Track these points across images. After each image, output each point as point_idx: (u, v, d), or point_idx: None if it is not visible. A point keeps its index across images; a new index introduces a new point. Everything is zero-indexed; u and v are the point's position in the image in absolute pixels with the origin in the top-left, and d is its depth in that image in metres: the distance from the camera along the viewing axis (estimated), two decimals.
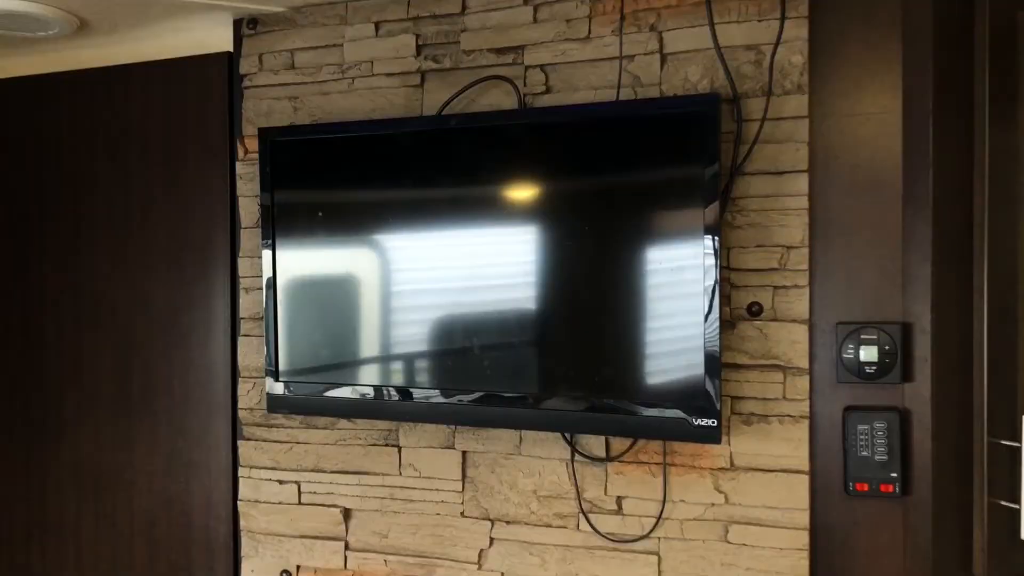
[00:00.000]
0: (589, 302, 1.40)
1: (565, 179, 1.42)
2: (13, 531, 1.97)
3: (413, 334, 1.52)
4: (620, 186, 1.38)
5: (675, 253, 1.33)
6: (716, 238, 1.30)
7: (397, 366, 1.53)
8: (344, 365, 1.56)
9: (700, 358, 1.32)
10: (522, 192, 1.44)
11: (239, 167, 1.72)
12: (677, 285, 1.34)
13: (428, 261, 1.50)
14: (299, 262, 1.58)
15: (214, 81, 1.76)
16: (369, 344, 1.55)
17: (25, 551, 1.97)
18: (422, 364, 1.51)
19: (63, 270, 1.92)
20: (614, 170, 1.38)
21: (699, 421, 1.33)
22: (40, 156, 1.92)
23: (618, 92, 1.45)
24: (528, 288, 1.44)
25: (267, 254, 1.59)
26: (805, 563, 1.38)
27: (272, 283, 1.59)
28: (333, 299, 1.57)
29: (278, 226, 1.58)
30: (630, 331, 1.37)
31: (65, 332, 1.93)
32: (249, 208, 1.71)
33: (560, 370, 1.43)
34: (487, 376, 1.46)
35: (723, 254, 1.39)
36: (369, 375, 1.54)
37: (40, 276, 1.95)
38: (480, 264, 1.46)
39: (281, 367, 1.60)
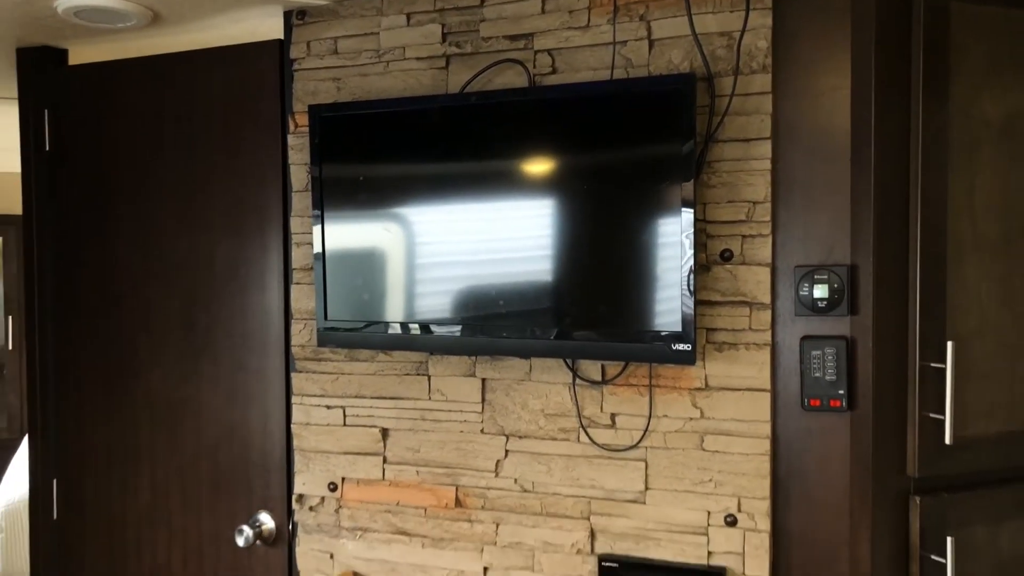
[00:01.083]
0: (588, 251, 1.67)
1: (568, 146, 1.68)
2: (97, 457, 2.29)
3: (439, 279, 1.79)
4: (613, 152, 1.64)
5: (659, 208, 1.60)
6: (693, 195, 1.57)
7: (426, 307, 1.81)
8: (382, 307, 1.84)
9: (679, 295, 1.59)
10: (531, 158, 1.71)
11: (290, 139, 2.00)
12: (661, 235, 1.60)
13: (451, 220, 1.77)
14: (343, 220, 1.86)
15: (267, 65, 2.04)
16: (403, 289, 1.83)
17: (107, 474, 2.28)
18: (447, 305, 1.79)
19: (135, 232, 2.22)
20: (608, 138, 1.65)
21: (677, 346, 1.60)
22: (117, 131, 2.21)
23: (612, 72, 1.71)
24: (538, 242, 1.70)
25: (316, 213, 1.87)
26: (767, 466, 1.65)
27: (321, 238, 1.87)
28: (372, 252, 1.84)
29: (325, 188, 1.86)
30: (622, 275, 1.64)
31: (137, 286, 2.23)
32: (299, 175, 1.99)
33: (563, 308, 1.70)
34: (502, 315, 1.73)
35: (699, 209, 1.66)
36: (403, 315, 1.82)
37: (115, 238, 2.24)
38: (497, 223, 1.73)
39: (329, 309, 1.89)
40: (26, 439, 4.56)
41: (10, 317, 4.91)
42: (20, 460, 4.12)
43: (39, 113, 2.31)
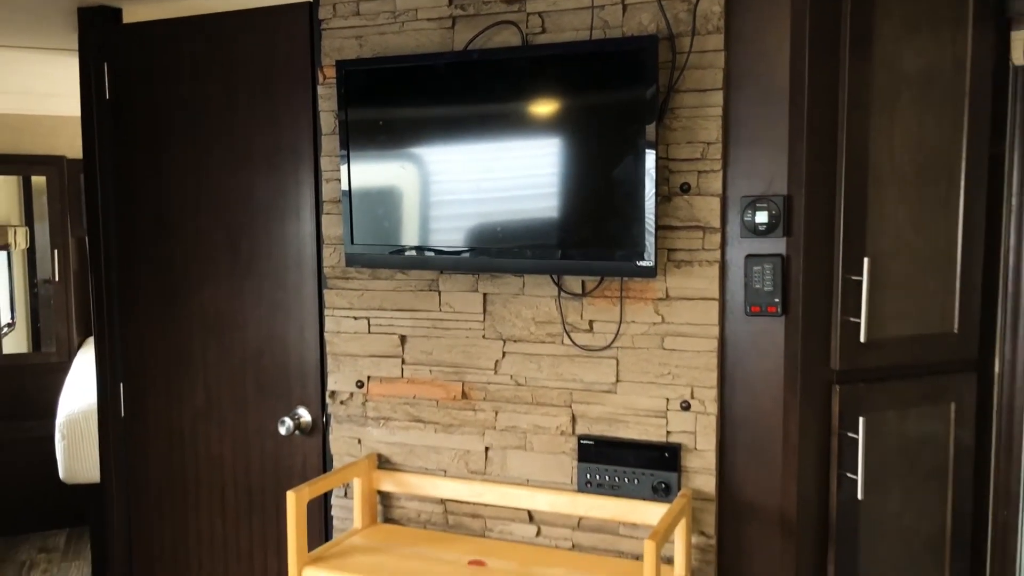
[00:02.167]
0: (570, 185, 2.00)
1: (553, 96, 2.00)
2: (157, 364, 2.68)
3: (448, 209, 2.14)
4: (591, 100, 1.96)
5: (628, 149, 1.93)
6: (656, 137, 1.90)
7: (436, 233, 2.15)
8: (399, 233, 2.19)
9: (644, 221, 1.93)
10: (523, 107, 2.03)
11: (320, 90, 2.33)
12: (630, 171, 1.93)
13: (457, 159, 2.10)
14: (366, 159, 2.19)
15: (299, 24, 2.35)
16: (417, 218, 2.17)
17: (166, 378, 2.67)
18: (455, 231, 2.13)
19: (186, 170, 2.57)
20: (587, 89, 1.97)
21: (642, 263, 1.94)
22: (169, 82, 2.55)
23: (591, 32, 2.03)
24: (529, 176, 2.03)
25: (342, 153, 2.21)
26: (715, 361, 2.01)
27: (347, 175, 2.21)
28: (391, 186, 2.19)
29: (350, 131, 2.19)
30: (599, 205, 1.98)
31: (188, 217, 2.59)
32: (327, 120, 2.33)
33: (551, 233, 2.03)
34: (500, 239, 2.08)
35: (662, 149, 1.99)
36: (417, 240, 2.17)
37: (169, 175, 2.60)
38: (495, 161, 2.05)
39: (355, 235, 2.24)
40: (76, 361, 5.02)
41: (56, 252, 5.31)
42: (72, 379, 4.56)
43: (99, 66, 2.65)
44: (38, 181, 6.27)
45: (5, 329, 5.39)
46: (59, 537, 4.85)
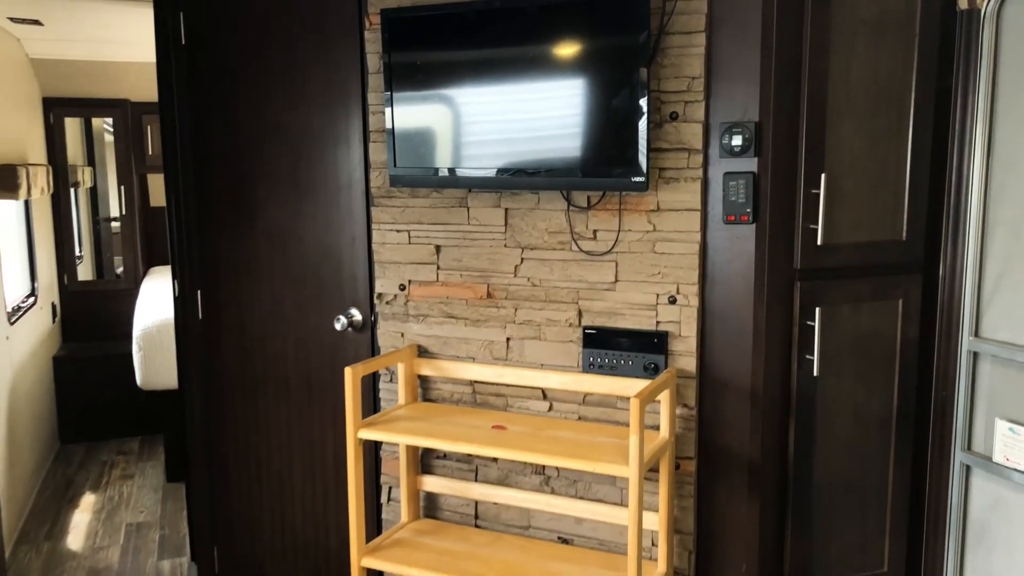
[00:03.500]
0: (578, 115, 2.39)
1: (562, 38, 2.38)
2: (229, 273, 3.14)
3: (475, 133, 2.53)
4: (594, 42, 2.34)
5: (625, 83, 2.30)
6: (648, 73, 2.27)
7: (466, 157, 2.56)
8: (434, 158, 2.60)
9: (639, 144, 2.31)
10: (539, 49, 2.41)
11: (367, 35, 2.72)
12: (627, 102, 2.31)
13: (483, 95, 2.49)
14: (406, 94, 2.59)
15: None
16: (450, 144, 2.57)
17: (236, 284, 3.13)
18: (481, 155, 2.53)
19: (252, 106, 2.99)
20: (590, 32, 2.34)
21: (636, 179, 2.33)
22: (237, 29, 2.96)
23: None
24: (544, 110, 2.42)
25: (387, 91, 2.61)
26: (697, 261, 2.40)
27: (390, 107, 2.61)
28: (427, 117, 2.59)
29: (393, 71, 2.59)
30: (601, 131, 2.36)
31: (254, 147, 3.01)
32: (373, 61, 2.73)
33: (562, 156, 2.43)
34: (519, 162, 2.48)
35: (654, 83, 2.36)
36: (449, 163, 2.57)
37: (236, 111, 3.02)
38: (515, 96, 2.44)
39: (397, 160, 2.65)
40: (143, 287, 5.55)
41: (122, 188, 5.81)
42: (143, 301, 5.09)
43: (175, 15, 3.06)
44: (97, 124, 6.79)
45: (78, 259, 5.92)
46: (133, 443, 5.44)
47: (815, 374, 2.39)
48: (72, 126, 5.92)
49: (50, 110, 5.49)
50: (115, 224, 6.70)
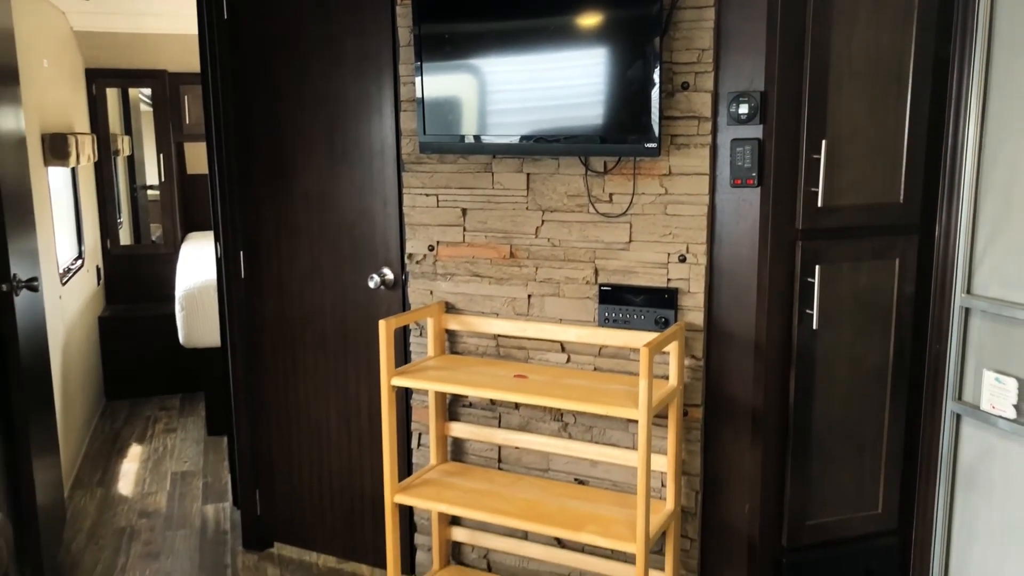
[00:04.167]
0: (596, 85, 2.56)
1: (582, 12, 2.53)
2: (270, 234, 3.36)
3: (500, 102, 2.71)
4: (611, 16, 2.50)
5: (641, 54, 2.47)
6: (661, 46, 2.43)
7: (491, 125, 2.74)
8: (460, 126, 2.78)
9: (653, 112, 2.48)
10: (560, 21, 2.57)
11: (398, 9, 2.90)
12: (642, 72, 2.48)
13: (507, 65, 2.66)
14: (435, 66, 2.77)
15: None
16: (476, 112, 2.76)
17: (276, 245, 3.35)
18: (505, 123, 2.71)
19: (290, 76, 3.18)
20: (608, 6, 2.50)
21: (649, 145, 2.51)
22: (272, 7, 3.15)
23: None
24: (564, 80, 2.60)
25: (417, 62, 2.79)
26: (705, 223, 2.58)
27: (420, 77, 2.79)
28: (455, 87, 2.77)
29: (423, 42, 2.77)
30: (617, 100, 2.53)
31: (292, 113, 3.21)
32: (404, 34, 2.90)
33: (581, 123, 2.60)
34: (541, 128, 2.65)
35: (667, 54, 2.52)
36: (476, 130, 2.76)
37: (277, 81, 3.22)
38: (537, 67, 2.62)
39: (426, 128, 2.84)
40: (181, 251, 5.80)
41: (161, 156, 6.06)
42: (183, 265, 5.35)
43: None
44: (133, 94, 7.01)
45: (119, 225, 6.19)
46: (174, 399, 5.74)
47: (815, 328, 2.57)
48: (111, 96, 6.16)
49: (92, 81, 5.73)
50: (151, 192, 6.97)
